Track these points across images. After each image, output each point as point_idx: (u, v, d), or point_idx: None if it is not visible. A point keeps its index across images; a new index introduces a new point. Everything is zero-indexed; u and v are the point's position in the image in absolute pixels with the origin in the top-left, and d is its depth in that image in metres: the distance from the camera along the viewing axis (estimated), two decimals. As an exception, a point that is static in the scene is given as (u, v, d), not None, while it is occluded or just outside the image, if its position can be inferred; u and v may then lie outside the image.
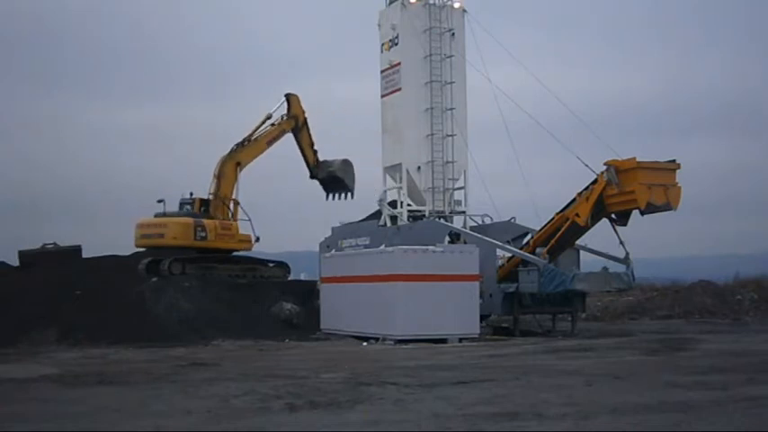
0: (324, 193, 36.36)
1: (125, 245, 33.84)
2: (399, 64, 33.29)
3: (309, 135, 35.22)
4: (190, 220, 31.69)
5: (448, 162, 33.03)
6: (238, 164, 32.99)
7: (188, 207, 32.33)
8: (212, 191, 32.55)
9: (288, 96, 34.54)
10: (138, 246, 32.11)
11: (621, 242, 27.77)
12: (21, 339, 24.42)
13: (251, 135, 33.37)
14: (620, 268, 28.02)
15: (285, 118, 34.24)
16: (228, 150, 32.82)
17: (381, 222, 33.64)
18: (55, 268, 30.47)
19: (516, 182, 34.58)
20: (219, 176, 32.50)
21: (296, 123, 34.53)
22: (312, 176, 35.57)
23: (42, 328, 25.14)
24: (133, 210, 33.95)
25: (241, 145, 32.95)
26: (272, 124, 34.14)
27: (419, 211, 33.15)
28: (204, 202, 32.53)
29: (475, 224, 33.13)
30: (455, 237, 29.74)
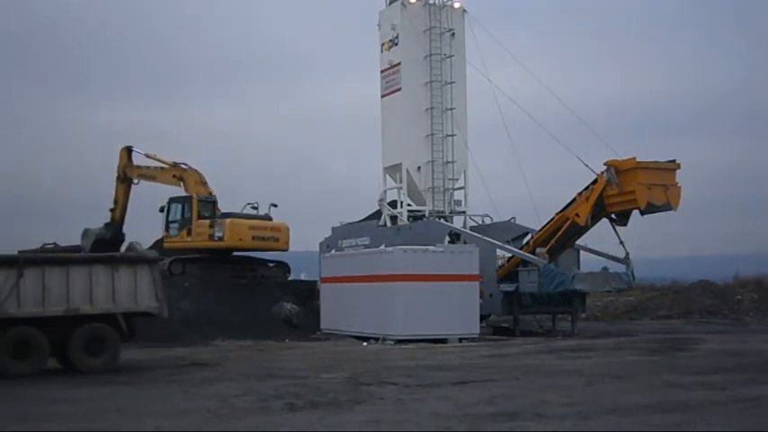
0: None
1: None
2: (399, 64, 33.29)
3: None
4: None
5: (448, 162, 33.03)
6: None
7: (209, 205, 31.91)
8: (212, 193, 32.44)
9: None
10: (239, 246, 31.40)
11: (621, 242, 27.78)
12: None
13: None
14: (620, 268, 28.02)
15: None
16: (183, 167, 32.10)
17: (381, 222, 33.64)
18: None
19: (516, 182, 34.61)
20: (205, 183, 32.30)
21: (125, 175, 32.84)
22: (117, 231, 33.07)
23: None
24: (135, 209, 33.62)
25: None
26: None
27: (419, 211, 33.15)
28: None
29: (475, 224, 33.14)
30: (455, 237, 29.73)
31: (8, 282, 16.59)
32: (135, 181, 32.95)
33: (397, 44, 33.46)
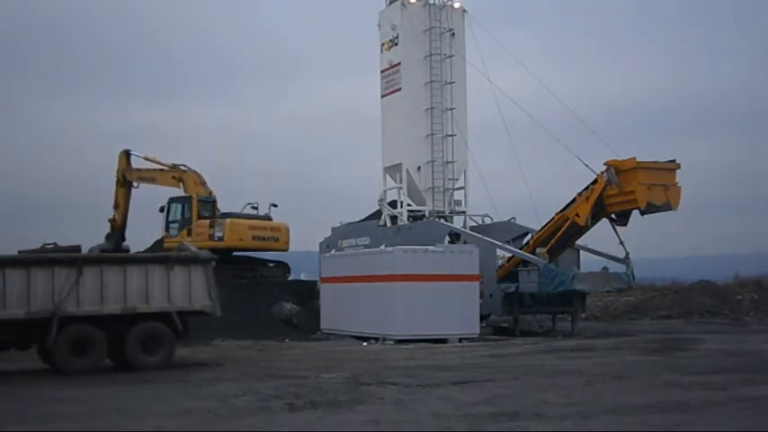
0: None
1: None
2: (399, 64, 33.30)
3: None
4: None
5: (448, 162, 33.04)
6: None
7: (208, 205, 31.88)
8: (212, 193, 32.43)
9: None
10: (239, 246, 31.40)
11: (621, 242, 27.77)
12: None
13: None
14: (620, 268, 28.02)
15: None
16: (183, 168, 32.10)
17: (381, 222, 33.65)
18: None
19: (516, 182, 34.59)
20: (204, 183, 32.27)
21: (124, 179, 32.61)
22: (119, 240, 32.80)
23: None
24: (136, 210, 33.58)
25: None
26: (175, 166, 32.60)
27: (419, 211, 33.16)
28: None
29: (475, 224, 33.14)
30: (455, 237, 29.73)
31: (68, 281, 16.98)
32: (135, 185, 32.93)
33: (397, 44, 33.47)
